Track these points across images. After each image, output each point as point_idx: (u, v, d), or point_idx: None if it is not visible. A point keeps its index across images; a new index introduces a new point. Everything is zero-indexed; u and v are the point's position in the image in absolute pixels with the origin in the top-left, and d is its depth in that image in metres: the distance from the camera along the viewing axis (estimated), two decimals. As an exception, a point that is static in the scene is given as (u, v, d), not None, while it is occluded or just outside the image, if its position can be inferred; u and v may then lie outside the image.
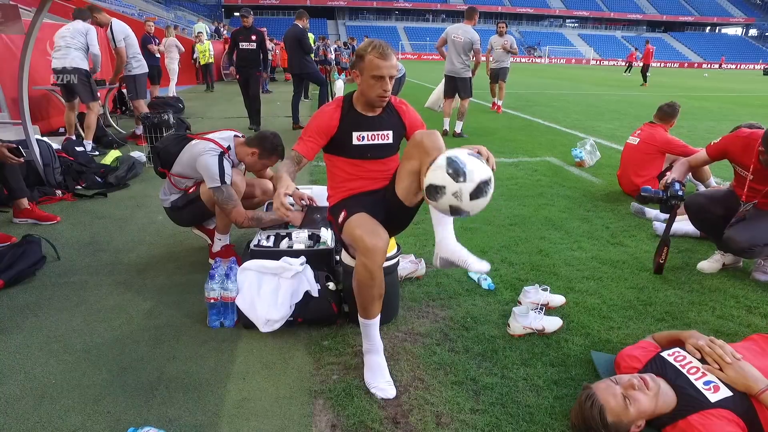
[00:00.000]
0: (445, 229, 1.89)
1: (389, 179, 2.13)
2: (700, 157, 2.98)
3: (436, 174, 1.65)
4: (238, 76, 7.61)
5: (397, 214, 2.04)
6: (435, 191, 1.65)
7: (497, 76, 9.68)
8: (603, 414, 1.48)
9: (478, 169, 1.65)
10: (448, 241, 1.87)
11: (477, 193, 1.63)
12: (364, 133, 2.09)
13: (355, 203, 2.03)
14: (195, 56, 14.59)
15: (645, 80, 19.65)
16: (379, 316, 1.93)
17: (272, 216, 2.76)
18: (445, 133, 7.09)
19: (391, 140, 2.14)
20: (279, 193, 1.79)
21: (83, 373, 1.94)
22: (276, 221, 2.76)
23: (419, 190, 1.88)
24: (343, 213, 2.01)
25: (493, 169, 1.73)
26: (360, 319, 1.93)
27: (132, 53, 6.10)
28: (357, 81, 2.05)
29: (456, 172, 1.62)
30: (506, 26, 9.55)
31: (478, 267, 1.78)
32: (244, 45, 7.14)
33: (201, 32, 15.75)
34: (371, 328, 1.93)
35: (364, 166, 2.12)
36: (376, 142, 2.10)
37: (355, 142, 2.08)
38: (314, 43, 14.33)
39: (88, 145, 5.59)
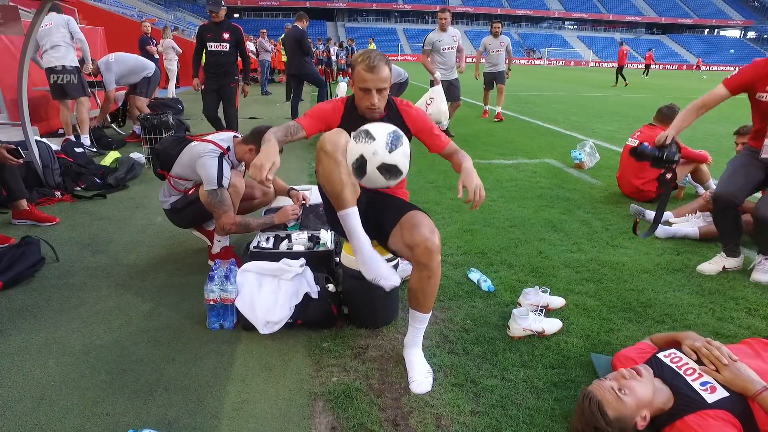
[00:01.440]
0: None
1: None
2: (717, 93, 2.74)
3: (349, 150, 1.76)
4: (203, 86, 5.74)
5: (379, 239, 2.06)
6: (358, 167, 1.73)
7: (493, 80, 8.81)
8: (602, 409, 1.48)
9: (378, 126, 1.76)
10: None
11: (393, 143, 1.72)
12: None
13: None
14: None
15: (616, 81, 19.76)
16: (356, 206, 1.88)
17: (260, 221, 2.75)
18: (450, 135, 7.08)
19: None
20: (262, 165, 1.70)
21: (82, 374, 1.93)
22: (264, 226, 2.76)
23: None
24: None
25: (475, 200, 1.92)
26: (340, 215, 1.88)
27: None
28: (353, 89, 2.07)
29: (359, 137, 1.74)
30: (501, 26, 8.60)
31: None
32: (213, 46, 5.48)
33: None
34: (349, 218, 1.86)
35: None
36: None
37: None
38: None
39: (86, 139, 5.58)
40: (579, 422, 1.56)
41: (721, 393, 1.51)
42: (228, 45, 5.45)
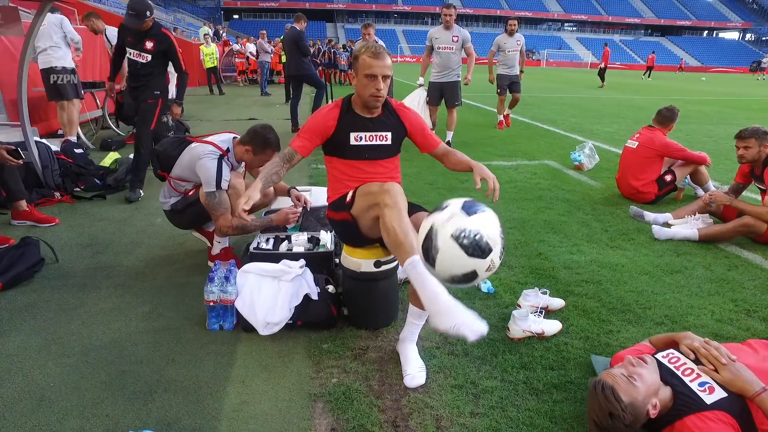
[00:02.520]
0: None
1: (388, 179, 2.13)
2: None
3: (454, 263, 1.54)
4: (119, 98, 4.98)
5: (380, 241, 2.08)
6: (466, 280, 1.56)
7: (508, 85, 7.84)
8: (616, 394, 1.48)
9: (488, 223, 1.56)
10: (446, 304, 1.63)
11: (503, 249, 1.57)
12: (362, 134, 2.10)
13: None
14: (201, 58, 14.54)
15: (603, 81, 20.05)
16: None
17: (257, 223, 2.75)
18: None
19: (389, 141, 2.15)
20: (239, 203, 1.84)
21: (82, 375, 1.93)
22: (262, 227, 2.76)
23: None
24: (350, 193, 2.06)
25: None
26: (406, 265, 1.69)
27: None
28: (354, 83, 2.09)
29: (477, 248, 1.52)
30: (517, 24, 7.75)
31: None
32: (132, 54, 4.20)
33: (207, 34, 15.72)
34: (418, 266, 1.67)
35: (362, 167, 2.13)
36: (374, 143, 2.11)
37: (352, 142, 2.10)
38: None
39: (73, 140, 5.56)
40: (593, 411, 1.54)
41: (720, 393, 1.51)
42: (150, 56, 4.17)
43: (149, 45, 4.16)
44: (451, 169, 2.27)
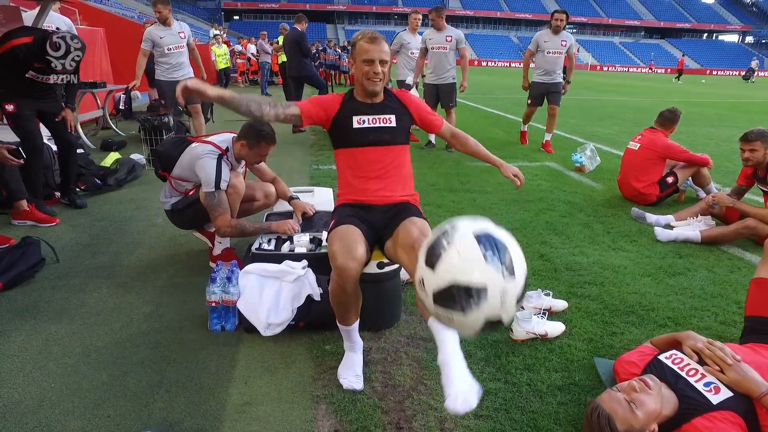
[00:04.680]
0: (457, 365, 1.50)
1: (396, 175, 2.12)
2: None
3: (464, 267, 1.18)
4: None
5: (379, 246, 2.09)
6: (467, 297, 1.16)
7: (544, 95, 6.29)
8: (613, 423, 1.45)
9: (516, 248, 1.25)
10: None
11: (522, 293, 1.22)
12: (365, 117, 2.11)
13: (350, 213, 2.03)
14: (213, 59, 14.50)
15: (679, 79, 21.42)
16: (357, 320, 1.95)
17: (256, 226, 2.74)
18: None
19: (394, 123, 2.13)
20: (201, 88, 1.81)
21: (83, 376, 1.92)
22: (259, 231, 2.73)
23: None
24: (333, 220, 2.04)
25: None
26: (338, 323, 1.96)
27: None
28: (353, 70, 2.11)
29: (498, 255, 1.19)
30: (565, 18, 6.04)
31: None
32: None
33: (218, 35, 15.73)
34: (349, 332, 1.96)
35: (366, 155, 2.09)
36: (377, 125, 2.11)
37: (355, 125, 2.10)
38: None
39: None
40: None
41: (726, 393, 1.51)
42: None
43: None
44: (463, 152, 2.42)
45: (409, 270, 1.83)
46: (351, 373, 1.91)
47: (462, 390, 1.46)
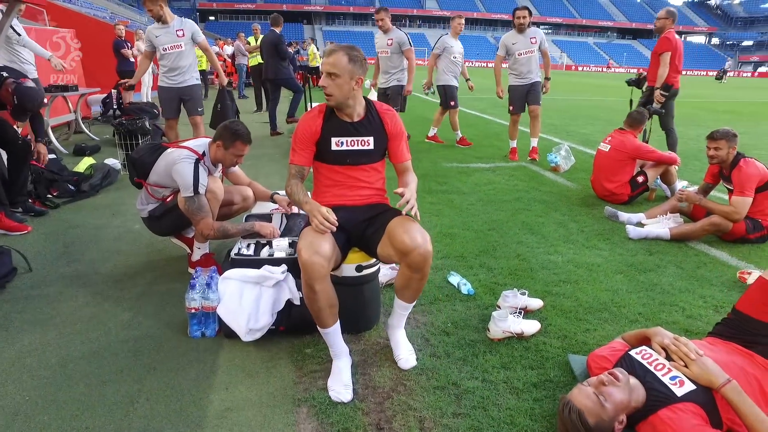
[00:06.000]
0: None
1: (372, 187, 2.15)
2: None
3: None
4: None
5: (364, 248, 2.13)
6: None
7: (524, 99, 5.96)
8: (583, 417, 1.52)
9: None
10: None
11: None
12: (343, 139, 2.08)
13: None
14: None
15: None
16: (336, 324, 1.97)
17: (239, 228, 2.74)
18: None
19: (372, 146, 2.11)
20: (320, 212, 1.87)
21: (59, 388, 1.90)
22: (242, 231, 2.74)
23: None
24: (304, 222, 2.06)
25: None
26: (317, 326, 1.98)
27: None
28: None
29: None
30: (530, 15, 5.80)
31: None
32: None
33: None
34: (328, 336, 1.98)
35: (345, 172, 2.12)
36: (355, 147, 2.09)
37: (333, 147, 2.08)
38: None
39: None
40: (561, 430, 1.61)
41: (689, 386, 1.60)
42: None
43: None
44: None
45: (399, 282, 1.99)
46: (339, 384, 1.90)
47: (404, 356, 2.07)
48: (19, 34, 5.05)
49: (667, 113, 5.42)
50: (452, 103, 6.84)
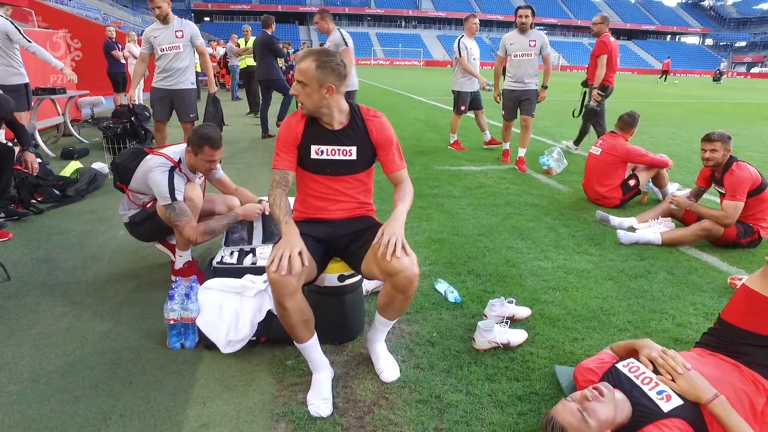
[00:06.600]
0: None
1: (354, 200, 2.08)
2: None
3: None
4: None
5: (347, 261, 2.09)
6: None
7: (516, 105, 5.75)
8: None
9: None
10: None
11: None
12: (324, 147, 1.97)
13: (301, 229, 1.89)
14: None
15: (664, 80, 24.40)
16: (312, 338, 1.91)
17: (224, 222, 2.69)
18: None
19: (354, 157, 1.99)
20: (291, 248, 1.72)
21: (29, 404, 1.83)
22: (229, 225, 2.70)
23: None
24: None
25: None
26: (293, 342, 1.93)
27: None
28: None
29: None
30: (533, 15, 5.61)
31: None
32: None
33: None
34: (305, 350, 1.92)
35: (325, 183, 2.03)
36: (336, 157, 1.98)
37: (313, 155, 1.98)
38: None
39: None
40: None
41: (676, 401, 1.55)
42: None
43: None
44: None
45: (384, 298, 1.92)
46: (318, 398, 1.84)
47: (386, 369, 2.03)
48: (29, 41, 5.00)
49: (600, 110, 6.28)
50: (463, 108, 6.75)
